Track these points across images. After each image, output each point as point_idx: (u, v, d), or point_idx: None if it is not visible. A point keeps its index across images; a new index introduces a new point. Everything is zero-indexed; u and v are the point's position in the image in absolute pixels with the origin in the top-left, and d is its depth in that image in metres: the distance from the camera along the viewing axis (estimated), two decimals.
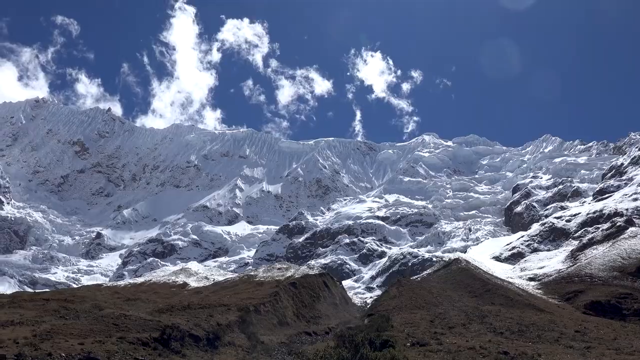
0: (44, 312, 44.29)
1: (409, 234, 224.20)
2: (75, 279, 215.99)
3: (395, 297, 63.75)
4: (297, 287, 69.52)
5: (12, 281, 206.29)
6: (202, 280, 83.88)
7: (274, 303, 60.52)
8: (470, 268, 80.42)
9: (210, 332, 40.79)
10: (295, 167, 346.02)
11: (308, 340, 50.80)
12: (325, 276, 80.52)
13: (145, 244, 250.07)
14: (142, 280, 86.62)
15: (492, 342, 37.61)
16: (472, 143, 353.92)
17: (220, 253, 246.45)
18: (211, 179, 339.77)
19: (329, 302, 73.17)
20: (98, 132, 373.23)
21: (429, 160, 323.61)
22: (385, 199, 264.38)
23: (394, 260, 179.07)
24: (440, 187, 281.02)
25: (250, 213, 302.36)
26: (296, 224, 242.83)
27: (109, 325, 39.41)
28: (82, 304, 50.49)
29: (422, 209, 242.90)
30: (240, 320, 50.34)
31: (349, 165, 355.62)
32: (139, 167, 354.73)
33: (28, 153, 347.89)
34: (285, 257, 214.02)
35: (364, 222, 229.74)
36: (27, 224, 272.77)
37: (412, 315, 51.82)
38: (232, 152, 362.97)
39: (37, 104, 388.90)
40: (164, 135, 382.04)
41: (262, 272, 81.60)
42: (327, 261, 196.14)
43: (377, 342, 31.53)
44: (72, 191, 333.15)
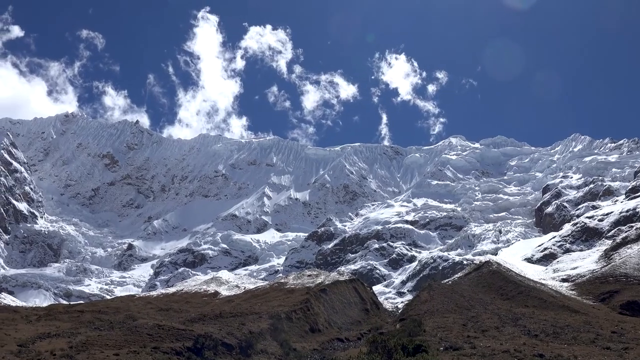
0: (79, 324, 44.89)
1: (439, 238, 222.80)
2: (109, 291, 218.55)
3: (427, 302, 63.35)
4: (328, 294, 69.46)
5: (48, 294, 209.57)
6: (233, 289, 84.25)
7: (305, 310, 60.55)
8: (501, 270, 79.59)
9: (243, 340, 40.98)
10: (322, 173, 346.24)
11: (340, 347, 50.73)
12: (356, 282, 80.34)
13: (176, 254, 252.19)
14: (174, 290, 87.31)
15: (526, 344, 37.19)
16: (500, 144, 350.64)
17: (250, 261, 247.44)
18: (239, 188, 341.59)
19: (360, 308, 72.99)
20: (127, 145, 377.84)
21: (457, 163, 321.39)
22: (413, 203, 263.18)
23: (424, 264, 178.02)
24: (469, 189, 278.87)
25: (278, 220, 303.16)
26: (325, 231, 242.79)
27: (142, 335, 39.81)
28: (116, 315, 51.07)
29: (451, 212, 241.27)
30: (272, 328, 50.46)
31: (376, 170, 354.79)
32: (167, 178, 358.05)
33: (59, 167, 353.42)
34: (315, 263, 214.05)
35: (393, 226, 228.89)
36: (61, 237, 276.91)
37: (444, 319, 51.44)
38: (259, 161, 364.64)
39: (67, 119, 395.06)
40: (192, 145, 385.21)
41: (292, 279, 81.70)
42: (356, 267, 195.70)
43: (410, 347, 31.37)
44: (103, 204, 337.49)
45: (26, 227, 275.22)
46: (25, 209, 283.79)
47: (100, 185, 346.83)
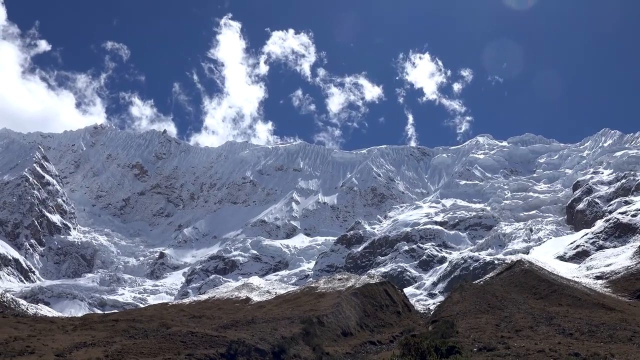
0: (114, 333, 45.52)
1: (469, 238, 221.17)
2: (142, 299, 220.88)
3: (459, 302, 62.95)
4: (359, 297, 69.44)
5: (82, 304, 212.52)
6: (265, 295, 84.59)
7: (336, 314, 60.61)
8: (534, 269, 78.77)
9: (276, 345, 41.19)
10: (349, 177, 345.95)
11: (373, 350, 50.68)
12: (387, 284, 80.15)
13: (207, 261, 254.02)
14: (206, 297, 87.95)
15: (562, 344, 36.82)
16: (528, 142, 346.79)
17: (280, 266, 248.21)
18: (267, 194, 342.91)
19: (392, 311, 72.78)
20: (155, 154, 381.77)
21: (485, 162, 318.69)
22: (442, 204, 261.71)
23: (455, 265, 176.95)
24: (498, 188, 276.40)
25: (307, 225, 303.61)
26: (354, 234, 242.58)
27: (176, 342, 40.26)
28: (149, 323, 51.65)
29: (480, 212, 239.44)
30: (304, 333, 50.60)
31: (403, 172, 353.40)
32: (196, 186, 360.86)
33: (90, 179, 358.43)
34: (345, 267, 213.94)
35: (422, 228, 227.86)
36: (93, 247, 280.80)
37: (477, 320, 51.10)
38: (286, 166, 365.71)
39: (96, 131, 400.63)
40: (219, 153, 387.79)
41: (322, 283, 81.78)
42: (387, 269, 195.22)
43: (443, 349, 31.27)
44: (134, 213, 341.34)
45: (60, 239, 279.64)
46: (58, 221, 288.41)
47: (131, 195, 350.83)
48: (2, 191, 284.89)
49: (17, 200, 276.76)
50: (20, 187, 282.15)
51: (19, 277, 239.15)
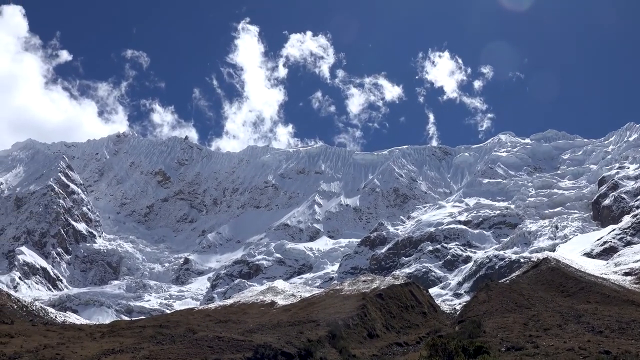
0: (142, 339, 45.86)
1: (493, 237, 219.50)
2: (168, 305, 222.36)
3: (485, 302, 62.49)
4: (384, 299, 69.26)
5: (110, 311, 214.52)
6: (289, 298, 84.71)
7: (362, 316, 60.50)
8: (560, 267, 77.96)
9: (302, 348, 41.22)
10: (371, 178, 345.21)
11: (400, 351, 50.50)
12: (412, 285, 79.86)
13: (231, 265, 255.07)
14: (232, 302, 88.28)
15: (591, 342, 36.37)
16: (551, 138, 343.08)
17: (304, 269, 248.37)
18: (289, 197, 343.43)
19: (418, 311, 72.47)
20: (178, 161, 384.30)
21: (508, 160, 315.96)
22: (465, 203, 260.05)
23: (480, 264, 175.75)
24: (522, 186, 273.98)
25: (330, 228, 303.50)
26: (377, 235, 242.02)
27: (203, 347, 40.46)
28: (176, 329, 51.98)
29: (504, 210, 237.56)
30: (330, 335, 50.59)
31: (425, 172, 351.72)
32: (219, 192, 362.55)
33: (114, 187, 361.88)
34: (369, 269, 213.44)
35: (446, 227, 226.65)
36: (119, 254, 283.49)
37: (504, 319, 50.68)
38: (307, 169, 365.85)
39: (119, 139, 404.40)
40: (240, 158, 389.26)
41: (347, 285, 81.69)
42: (411, 270, 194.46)
43: (471, 349, 31.05)
44: (158, 220, 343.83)
45: (86, 247, 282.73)
46: (84, 229, 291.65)
47: (154, 202, 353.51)
48: (29, 201, 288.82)
49: (44, 209, 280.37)
50: (46, 197, 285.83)
51: (47, 286, 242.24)
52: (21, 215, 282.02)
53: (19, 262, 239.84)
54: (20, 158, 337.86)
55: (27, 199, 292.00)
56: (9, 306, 77.78)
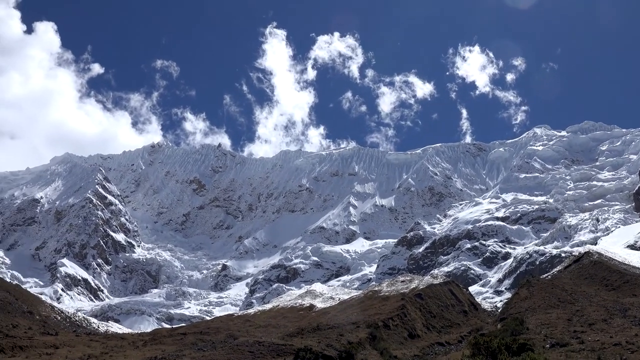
0: (183, 346, 46.17)
1: (533, 232, 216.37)
2: (208, 312, 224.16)
3: (527, 298, 61.49)
4: (424, 298, 68.71)
5: (151, 319, 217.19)
6: (328, 301, 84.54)
7: (402, 316, 60.07)
8: (603, 260, 76.35)
9: (343, 351, 41.00)
10: (405, 177, 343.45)
11: (441, 351, 49.99)
12: (451, 284, 79.07)
13: (268, 270, 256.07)
14: (271, 307, 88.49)
15: (639, 336, 35.43)
16: (588, 130, 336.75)
17: (342, 272, 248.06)
18: (324, 200, 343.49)
19: (458, 310, 71.71)
20: (212, 168, 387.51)
21: (544, 154, 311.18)
22: (502, 199, 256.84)
23: (520, 261, 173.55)
24: (560, 179, 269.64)
25: (366, 229, 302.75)
26: (414, 235, 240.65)
27: (244, 353, 40.52)
28: (217, 335, 52.21)
29: (543, 205, 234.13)
30: (371, 337, 50.30)
31: (460, 169, 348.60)
32: (253, 197, 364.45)
33: (150, 196, 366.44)
34: (407, 268, 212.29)
35: (484, 224, 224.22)
36: (158, 263, 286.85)
37: (547, 315, 49.77)
38: (341, 171, 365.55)
39: (153, 149, 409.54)
40: (274, 163, 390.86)
41: (385, 286, 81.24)
42: (450, 269, 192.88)
43: (514, 347, 30.47)
44: (195, 227, 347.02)
45: (125, 257, 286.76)
46: (123, 240, 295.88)
47: (191, 210, 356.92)
48: (68, 214, 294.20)
49: (83, 221, 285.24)
50: (84, 209, 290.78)
51: (88, 296, 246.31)
52: (61, 228, 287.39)
53: (61, 274, 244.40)
54: (58, 172, 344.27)
55: (66, 212, 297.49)
56: (53, 317, 79.12)
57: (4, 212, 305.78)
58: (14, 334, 54.61)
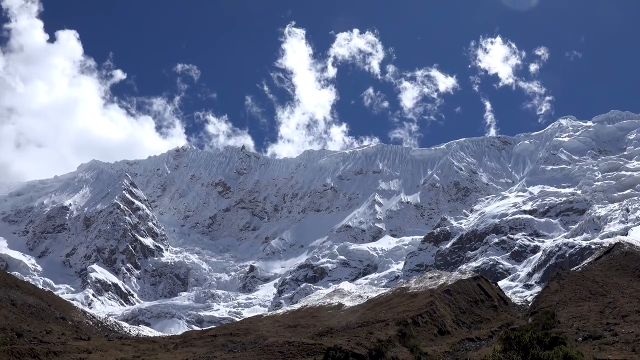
0: (214, 348, 46.48)
1: (561, 224, 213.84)
2: (237, 313, 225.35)
3: (557, 292, 60.84)
4: (452, 294, 68.33)
5: (181, 322, 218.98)
6: (356, 299, 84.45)
7: (431, 313, 59.81)
8: (635, 250, 75.20)
9: (373, 349, 40.92)
10: (430, 173, 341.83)
11: (472, 347, 49.67)
12: (480, 279, 78.47)
13: (296, 270, 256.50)
14: (299, 306, 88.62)
15: None
16: (614, 119, 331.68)
17: (369, 270, 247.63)
18: (349, 199, 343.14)
19: (488, 305, 71.18)
20: (236, 170, 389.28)
21: (570, 145, 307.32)
22: (529, 192, 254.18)
23: (550, 254, 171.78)
24: (587, 170, 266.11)
25: (392, 226, 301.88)
26: (441, 231, 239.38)
27: (275, 353, 40.66)
28: (246, 336, 52.47)
29: (571, 197, 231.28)
30: (400, 334, 50.17)
31: (485, 163, 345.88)
32: (279, 198, 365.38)
33: (177, 200, 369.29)
34: (435, 265, 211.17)
35: (511, 218, 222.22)
36: (186, 266, 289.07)
37: (578, 308, 49.20)
38: (365, 169, 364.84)
39: (178, 153, 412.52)
40: (298, 163, 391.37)
41: (413, 283, 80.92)
42: (478, 264, 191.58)
43: (546, 341, 30.15)
44: (222, 230, 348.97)
45: (154, 261, 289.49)
46: (151, 244, 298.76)
47: (217, 212, 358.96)
48: (97, 220, 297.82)
49: (111, 227, 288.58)
50: (112, 215, 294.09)
51: (119, 301, 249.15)
52: (90, 234, 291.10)
53: (92, 280, 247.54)
54: (85, 179, 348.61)
55: (94, 218, 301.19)
56: (85, 323, 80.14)
57: (34, 220, 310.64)
58: (48, 339, 55.43)
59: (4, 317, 61.56)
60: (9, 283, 77.27)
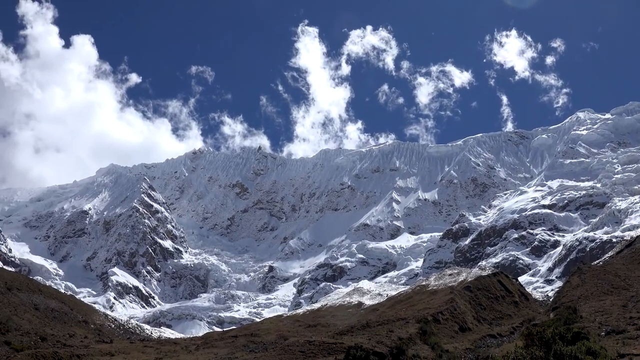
0: (235, 349, 46.68)
1: (581, 218, 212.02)
2: (257, 313, 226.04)
3: (579, 286, 60.34)
4: (473, 291, 68.04)
5: (202, 323, 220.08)
6: (376, 297, 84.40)
7: (451, 310, 59.61)
8: None
9: (393, 347, 40.86)
10: (447, 170, 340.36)
11: (494, 343, 49.43)
12: (500, 275, 78.07)
13: (315, 270, 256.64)
14: (319, 306, 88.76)
15: None
16: (633, 110, 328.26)
17: (388, 268, 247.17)
18: (367, 197, 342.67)
19: (508, 301, 70.79)
20: (254, 171, 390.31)
21: (589, 138, 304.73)
22: (548, 186, 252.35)
23: (570, 248, 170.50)
24: (606, 163, 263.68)
25: (410, 224, 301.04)
26: (459, 227, 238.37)
27: (295, 353, 40.73)
28: (267, 336, 52.65)
29: (590, 190, 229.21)
30: (421, 332, 50.04)
31: (502, 159, 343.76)
32: (296, 198, 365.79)
33: (195, 202, 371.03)
34: (454, 261, 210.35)
35: (530, 213, 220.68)
36: (206, 268, 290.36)
37: (600, 302, 48.76)
38: (382, 167, 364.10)
39: (195, 156, 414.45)
40: (314, 162, 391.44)
41: (433, 280, 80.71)
42: (498, 260, 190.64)
43: (569, 336, 29.92)
44: (240, 231, 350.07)
45: (174, 263, 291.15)
46: (170, 246, 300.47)
47: (235, 213, 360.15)
48: (116, 223, 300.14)
49: (131, 230, 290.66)
50: (132, 218, 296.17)
51: (140, 304, 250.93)
52: (110, 237, 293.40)
53: (113, 283, 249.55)
54: (104, 183, 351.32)
55: (114, 221, 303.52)
56: (107, 326, 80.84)
57: (55, 225, 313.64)
58: (71, 343, 56.00)
59: (28, 322, 62.28)
60: (31, 288, 78.16)
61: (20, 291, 73.30)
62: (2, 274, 78.57)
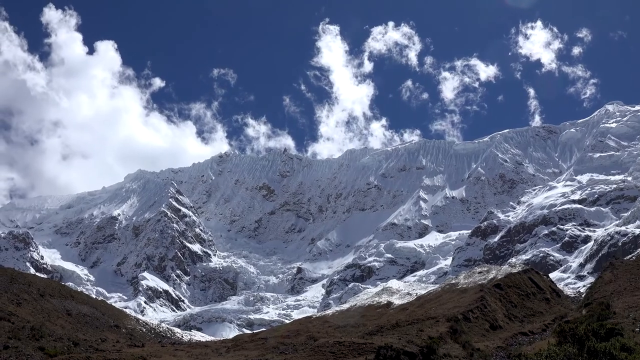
0: (265, 351, 46.78)
1: (612, 212, 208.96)
2: (286, 315, 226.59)
3: (611, 282, 59.41)
4: (503, 288, 67.37)
5: (232, 325, 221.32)
6: (405, 297, 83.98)
7: (482, 308, 59.09)
8: None
9: (424, 346, 40.59)
10: (474, 167, 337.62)
11: (525, 341, 48.90)
12: (530, 272, 77.17)
13: (343, 270, 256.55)
14: (348, 306, 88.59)
15: None
16: None
17: (417, 267, 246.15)
18: (393, 196, 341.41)
19: (540, 298, 69.94)
20: (280, 173, 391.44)
21: (618, 131, 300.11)
22: (577, 181, 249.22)
23: (601, 243, 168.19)
24: (637, 156, 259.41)
25: (438, 222, 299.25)
26: (488, 224, 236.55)
27: (326, 354, 40.70)
28: (297, 338, 52.65)
29: (621, 184, 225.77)
30: (451, 331, 49.67)
31: (530, 154, 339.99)
32: (323, 199, 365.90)
33: (222, 205, 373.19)
34: (483, 259, 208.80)
35: (560, 208, 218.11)
36: (234, 270, 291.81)
37: (634, 298, 47.94)
38: (408, 166, 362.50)
39: (221, 159, 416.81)
40: (340, 163, 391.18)
41: (462, 278, 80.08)
42: (528, 256, 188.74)
43: (602, 332, 29.47)
44: (268, 233, 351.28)
45: (202, 267, 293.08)
46: (199, 250, 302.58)
47: (262, 215, 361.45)
48: (145, 228, 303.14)
49: (159, 235, 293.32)
50: (160, 223, 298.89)
51: (170, 307, 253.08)
52: (140, 242, 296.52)
53: (143, 287, 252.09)
54: (132, 189, 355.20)
55: (143, 226, 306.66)
56: (138, 330, 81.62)
57: (85, 231, 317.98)
58: (104, 347, 56.63)
59: (61, 327, 63.12)
60: (64, 294, 79.23)
61: (53, 297, 74.34)
62: (35, 281, 79.77)
